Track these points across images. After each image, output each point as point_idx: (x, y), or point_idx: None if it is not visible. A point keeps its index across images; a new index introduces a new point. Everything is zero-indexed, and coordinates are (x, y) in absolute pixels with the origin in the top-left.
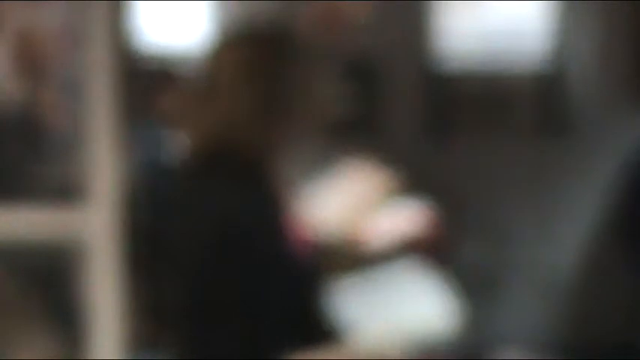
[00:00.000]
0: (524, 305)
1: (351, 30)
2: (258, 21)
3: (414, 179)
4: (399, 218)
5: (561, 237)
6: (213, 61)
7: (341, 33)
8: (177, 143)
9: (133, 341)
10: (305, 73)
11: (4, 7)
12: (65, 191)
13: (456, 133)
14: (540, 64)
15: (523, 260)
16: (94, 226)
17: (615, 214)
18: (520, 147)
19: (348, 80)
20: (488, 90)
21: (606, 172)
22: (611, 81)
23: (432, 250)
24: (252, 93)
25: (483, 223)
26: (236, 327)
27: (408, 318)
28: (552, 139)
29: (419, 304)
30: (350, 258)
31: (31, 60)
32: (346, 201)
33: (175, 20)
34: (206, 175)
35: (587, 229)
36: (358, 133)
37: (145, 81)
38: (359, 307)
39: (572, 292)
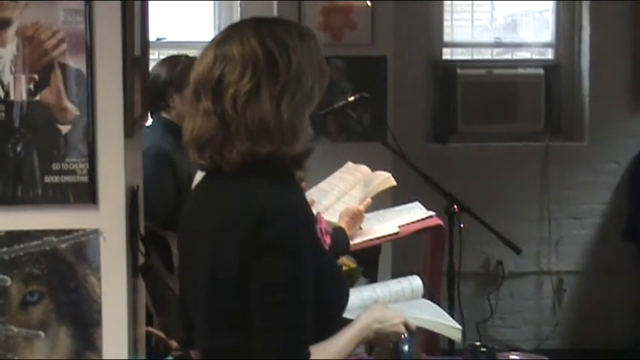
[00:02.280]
0: (531, 308)
1: (357, 27)
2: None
3: (419, 179)
4: (400, 217)
5: (566, 238)
6: (221, 62)
7: (345, 30)
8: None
9: (141, 343)
10: (312, 60)
11: (11, 6)
12: (73, 191)
13: (461, 134)
14: (547, 65)
15: (528, 262)
16: (102, 225)
17: (621, 216)
18: (526, 148)
19: (352, 78)
20: (495, 91)
21: (612, 174)
22: (617, 83)
23: (435, 250)
24: (279, 93)
25: (487, 224)
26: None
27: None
28: (558, 141)
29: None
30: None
31: (38, 59)
32: (347, 197)
33: (184, 19)
34: (239, 177)
35: (592, 230)
36: (361, 131)
37: (155, 80)
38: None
39: (578, 294)
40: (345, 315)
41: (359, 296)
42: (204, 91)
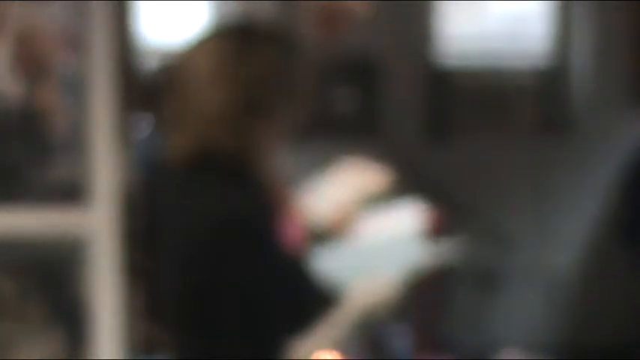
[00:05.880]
0: (525, 306)
1: (352, 29)
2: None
3: (414, 178)
4: (397, 216)
5: (562, 237)
6: (189, 58)
7: (341, 32)
8: (167, 144)
9: (133, 342)
10: (281, 67)
11: (5, 7)
12: (65, 192)
13: (456, 133)
14: (541, 63)
15: (523, 260)
16: (94, 227)
17: (615, 214)
18: (521, 147)
19: (347, 79)
20: (489, 90)
21: (606, 172)
22: (611, 81)
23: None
24: (228, 91)
25: (483, 223)
26: (234, 324)
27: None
28: (553, 139)
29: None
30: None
31: (31, 60)
32: (340, 196)
33: (176, 20)
34: (194, 175)
35: (587, 229)
36: (358, 131)
37: (146, 81)
38: (344, 267)
39: (573, 293)
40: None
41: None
42: (184, 77)
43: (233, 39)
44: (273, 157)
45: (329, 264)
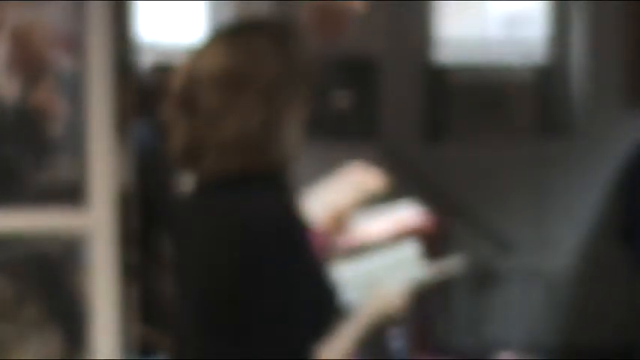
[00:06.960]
0: (524, 307)
1: (350, 29)
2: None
3: (412, 179)
4: (395, 217)
5: (561, 238)
6: (193, 70)
7: (339, 32)
8: (192, 171)
9: (132, 343)
10: (286, 67)
11: (3, 6)
12: (63, 192)
13: (455, 134)
14: (539, 64)
15: (522, 262)
16: (92, 227)
17: (614, 215)
18: (519, 148)
19: (347, 79)
20: (488, 91)
21: (605, 173)
22: (609, 82)
23: (427, 249)
24: (243, 110)
25: (482, 224)
26: (264, 328)
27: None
28: (551, 139)
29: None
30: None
31: (28, 60)
32: (337, 197)
33: (175, 20)
34: (222, 187)
35: (586, 229)
36: (357, 132)
37: (145, 82)
38: (351, 282)
39: (572, 294)
40: (349, 294)
41: (356, 270)
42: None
43: (234, 50)
44: (296, 160)
45: (338, 278)
